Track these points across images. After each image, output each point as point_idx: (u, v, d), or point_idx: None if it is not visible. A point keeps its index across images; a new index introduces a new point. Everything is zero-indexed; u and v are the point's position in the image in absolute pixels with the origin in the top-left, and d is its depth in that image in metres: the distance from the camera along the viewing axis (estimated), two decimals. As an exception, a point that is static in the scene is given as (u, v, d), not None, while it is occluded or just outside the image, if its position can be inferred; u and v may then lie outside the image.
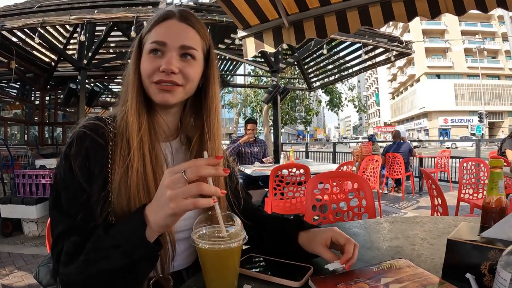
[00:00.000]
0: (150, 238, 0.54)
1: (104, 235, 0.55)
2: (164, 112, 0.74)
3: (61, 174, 0.64)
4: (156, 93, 0.68)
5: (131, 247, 0.53)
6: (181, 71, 0.68)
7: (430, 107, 39.32)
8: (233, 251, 0.54)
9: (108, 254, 0.53)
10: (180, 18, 0.70)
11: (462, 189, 2.91)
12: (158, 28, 0.69)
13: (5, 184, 3.94)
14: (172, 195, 0.50)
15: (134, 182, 0.63)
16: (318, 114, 18.19)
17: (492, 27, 38.65)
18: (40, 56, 5.96)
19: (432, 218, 1.08)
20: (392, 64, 32.27)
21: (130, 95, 0.68)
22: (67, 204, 0.62)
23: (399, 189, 5.81)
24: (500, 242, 0.57)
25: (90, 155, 0.63)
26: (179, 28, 0.69)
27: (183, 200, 0.50)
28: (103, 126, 0.67)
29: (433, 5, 1.77)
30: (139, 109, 0.67)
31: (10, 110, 7.13)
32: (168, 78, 0.67)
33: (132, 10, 3.85)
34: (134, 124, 0.66)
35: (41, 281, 0.72)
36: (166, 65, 0.66)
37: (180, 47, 0.68)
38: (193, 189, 0.50)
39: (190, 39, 0.69)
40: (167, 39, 0.67)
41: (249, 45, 2.28)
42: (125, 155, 0.64)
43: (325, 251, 0.68)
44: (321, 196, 1.63)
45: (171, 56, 0.67)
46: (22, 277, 2.48)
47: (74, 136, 0.65)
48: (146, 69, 0.68)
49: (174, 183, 0.51)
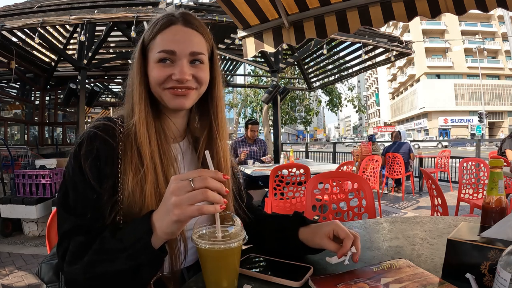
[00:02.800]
0: (156, 245, 0.55)
1: (110, 237, 0.56)
2: (173, 115, 0.75)
3: (70, 173, 0.64)
4: (171, 98, 0.69)
5: (136, 252, 0.54)
6: (193, 76, 0.69)
7: (430, 107, 39.31)
8: (233, 251, 0.54)
9: (114, 257, 0.54)
10: (184, 23, 0.69)
11: (462, 189, 2.91)
12: (163, 35, 0.68)
13: (5, 184, 3.94)
14: (177, 201, 0.51)
15: (150, 193, 0.64)
16: (318, 114, 18.18)
17: (492, 27, 38.64)
18: (40, 56, 5.96)
19: (432, 218, 1.08)
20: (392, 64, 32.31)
21: (138, 106, 0.67)
22: (74, 202, 0.63)
23: (399, 189, 5.81)
24: (500, 242, 0.57)
25: (100, 155, 0.64)
26: (185, 34, 0.69)
27: (188, 206, 0.51)
28: (114, 127, 0.68)
29: (433, 5, 1.77)
30: (148, 120, 0.68)
31: (10, 110, 7.12)
32: (182, 85, 0.68)
33: (132, 10, 3.85)
34: (145, 136, 0.66)
35: (43, 278, 0.73)
36: (180, 75, 0.66)
37: (189, 54, 0.68)
38: (199, 195, 0.51)
39: (197, 44, 0.70)
40: (175, 47, 0.67)
41: (249, 45, 2.28)
42: (137, 165, 0.65)
43: (329, 243, 0.68)
44: (321, 196, 1.63)
45: (182, 64, 0.67)
46: (22, 277, 2.48)
47: (85, 136, 0.66)
48: (158, 78, 0.67)
49: (180, 190, 0.52)
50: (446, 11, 1.75)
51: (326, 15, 2.01)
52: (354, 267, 0.65)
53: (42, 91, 6.62)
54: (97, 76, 7.18)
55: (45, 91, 6.68)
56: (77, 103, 4.69)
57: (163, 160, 0.68)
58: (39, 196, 3.53)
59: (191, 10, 3.85)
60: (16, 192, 3.61)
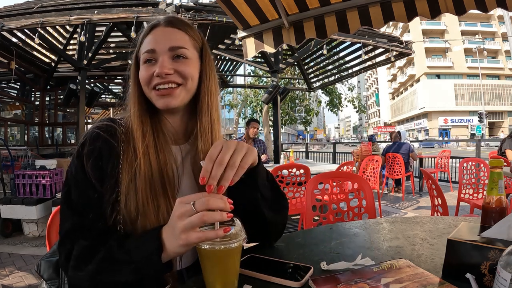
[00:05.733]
0: (164, 260, 0.57)
1: (118, 248, 0.58)
2: (169, 116, 0.75)
3: (72, 172, 0.66)
4: (157, 99, 0.70)
5: (145, 267, 0.56)
6: (176, 71, 0.70)
7: (430, 107, 39.32)
8: (233, 251, 0.54)
9: (120, 268, 0.56)
10: (166, 23, 0.73)
11: (462, 189, 2.91)
12: (147, 38, 0.72)
13: (5, 184, 3.94)
14: (182, 227, 0.53)
15: (142, 187, 0.65)
16: (318, 115, 18.20)
17: (492, 27, 38.65)
18: (40, 57, 5.97)
19: (432, 218, 1.08)
20: (392, 64, 32.27)
21: (132, 105, 0.71)
22: (76, 200, 0.64)
23: (399, 189, 5.81)
24: (500, 242, 0.57)
25: (102, 155, 0.66)
26: (165, 32, 0.72)
27: (193, 232, 0.52)
28: (116, 127, 0.70)
29: (433, 5, 1.77)
30: (142, 117, 0.70)
31: (10, 110, 7.12)
32: (164, 80, 0.69)
33: (132, 10, 3.85)
34: (138, 132, 0.68)
35: (43, 275, 0.73)
36: (159, 68, 0.68)
37: (169, 49, 0.70)
38: (197, 221, 0.52)
39: (177, 40, 0.71)
40: (155, 45, 0.70)
41: (249, 45, 2.28)
42: (132, 161, 0.66)
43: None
44: (321, 196, 1.63)
45: (163, 59, 0.69)
46: (22, 278, 2.48)
47: (87, 136, 0.67)
48: (143, 77, 0.70)
49: (184, 215, 0.53)
50: (446, 11, 1.75)
51: (326, 15, 2.02)
52: (354, 267, 0.65)
53: (42, 92, 6.63)
54: (97, 76, 7.19)
55: (45, 91, 6.69)
56: (77, 103, 4.70)
57: (160, 157, 0.69)
58: (39, 197, 3.53)
59: (191, 11, 3.85)
60: (16, 192, 3.61)
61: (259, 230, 0.74)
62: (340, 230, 0.96)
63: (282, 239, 0.85)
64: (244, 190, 0.68)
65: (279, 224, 0.80)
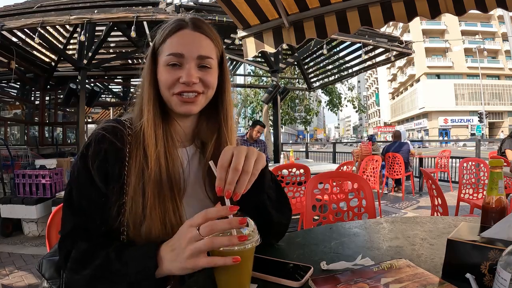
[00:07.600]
0: (158, 276, 0.56)
1: (116, 259, 0.57)
2: (181, 119, 0.75)
3: (75, 173, 0.66)
4: (180, 105, 0.69)
5: (139, 281, 0.55)
6: (201, 80, 0.69)
7: (430, 107, 39.30)
8: (247, 252, 0.54)
9: (115, 279, 0.57)
10: (194, 27, 0.70)
11: (462, 189, 2.91)
12: (172, 39, 0.69)
13: (5, 184, 3.94)
14: (190, 252, 0.52)
15: (150, 191, 0.64)
16: (318, 114, 18.19)
17: (492, 27, 38.63)
18: (40, 56, 5.97)
19: (432, 218, 1.08)
20: (392, 64, 32.29)
21: (147, 108, 0.69)
22: (78, 201, 0.64)
23: (399, 189, 5.81)
24: (500, 242, 0.57)
25: (108, 157, 0.65)
26: (194, 38, 0.69)
27: (200, 259, 0.52)
28: (122, 129, 0.69)
29: (433, 5, 1.77)
30: (156, 121, 0.69)
31: (10, 110, 7.13)
32: (190, 88, 0.68)
33: (132, 10, 3.85)
34: (151, 137, 0.67)
35: (44, 274, 0.73)
36: (187, 77, 0.67)
37: (197, 57, 0.68)
38: (204, 248, 0.52)
39: (205, 48, 0.70)
40: (183, 50, 0.68)
41: (249, 45, 2.28)
42: (141, 164, 0.66)
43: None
44: (321, 196, 1.63)
45: (190, 67, 0.68)
46: (22, 277, 2.48)
47: (93, 137, 0.67)
48: (166, 81, 0.68)
49: (191, 240, 0.53)
50: (446, 12, 1.75)
51: (326, 15, 2.02)
52: (354, 267, 0.65)
53: (42, 91, 6.63)
54: (97, 76, 7.19)
55: (45, 91, 6.69)
56: (77, 103, 4.70)
57: (169, 163, 0.68)
58: (39, 196, 3.53)
59: (191, 10, 3.85)
60: (16, 192, 3.61)
61: (264, 231, 0.74)
62: (340, 230, 0.96)
63: (282, 239, 0.85)
64: (252, 193, 0.67)
65: (283, 225, 0.80)
